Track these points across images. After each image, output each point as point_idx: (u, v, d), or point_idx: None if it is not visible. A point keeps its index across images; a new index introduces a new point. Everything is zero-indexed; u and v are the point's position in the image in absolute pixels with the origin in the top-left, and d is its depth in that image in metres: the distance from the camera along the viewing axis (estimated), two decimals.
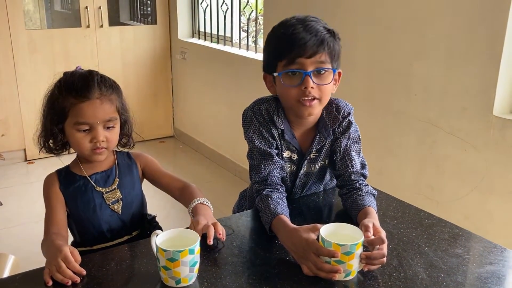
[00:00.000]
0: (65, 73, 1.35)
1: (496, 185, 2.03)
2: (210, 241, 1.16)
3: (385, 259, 1.11)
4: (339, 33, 1.38)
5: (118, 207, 1.39)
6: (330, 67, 1.33)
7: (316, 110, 1.37)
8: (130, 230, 1.43)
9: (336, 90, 1.42)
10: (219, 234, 1.19)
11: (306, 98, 1.32)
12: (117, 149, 1.44)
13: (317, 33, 1.30)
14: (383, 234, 1.14)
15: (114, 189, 1.39)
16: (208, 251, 1.20)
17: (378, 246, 1.11)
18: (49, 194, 1.35)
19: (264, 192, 1.36)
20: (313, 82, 1.30)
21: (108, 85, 1.33)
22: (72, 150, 1.39)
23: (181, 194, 1.41)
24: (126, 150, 1.46)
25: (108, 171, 1.40)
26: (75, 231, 1.41)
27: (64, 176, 1.38)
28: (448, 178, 2.22)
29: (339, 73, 1.40)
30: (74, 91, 1.29)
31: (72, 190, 1.36)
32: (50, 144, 1.36)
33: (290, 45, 1.30)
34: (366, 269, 1.11)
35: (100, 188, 1.37)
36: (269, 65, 1.39)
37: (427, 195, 2.31)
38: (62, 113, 1.30)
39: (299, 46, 1.29)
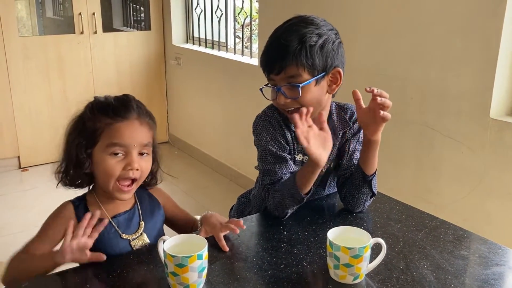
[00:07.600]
0: (96, 97, 1.23)
1: (494, 187, 2.04)
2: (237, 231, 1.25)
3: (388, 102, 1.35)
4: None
5: None
6: (304, 79, 1.30)
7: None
8: None
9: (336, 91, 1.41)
10: (243, 227, 1.27)
11: (287, 110, 1.36)
12: None
13: (287, 47, 1.28)
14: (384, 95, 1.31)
15: (141, 234, 1.26)
16: (215, 256, 1.19)
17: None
18: (54, 232, 1.21)
19: (276, 187, 1.37)
20: (285, 97, 1.33)
21: (146, 111, 1.24)
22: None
23: (192, 228, 1.38)
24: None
25: (130, 212, 1.27)
26: None
27: (84, 214, 1.18)
28: (446, 181, 2.23)
29: (338, 71, 1.37)
30: (111, 111, 1.18)
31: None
32: (71, 173, 1.20)
33: (264, 61, 1.36)
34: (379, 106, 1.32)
35: (127, 236, 1.24)
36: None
37: (425, 198, 2.32)
38: (93, 136, 1.17)
39: (269, 64, 1.34)
